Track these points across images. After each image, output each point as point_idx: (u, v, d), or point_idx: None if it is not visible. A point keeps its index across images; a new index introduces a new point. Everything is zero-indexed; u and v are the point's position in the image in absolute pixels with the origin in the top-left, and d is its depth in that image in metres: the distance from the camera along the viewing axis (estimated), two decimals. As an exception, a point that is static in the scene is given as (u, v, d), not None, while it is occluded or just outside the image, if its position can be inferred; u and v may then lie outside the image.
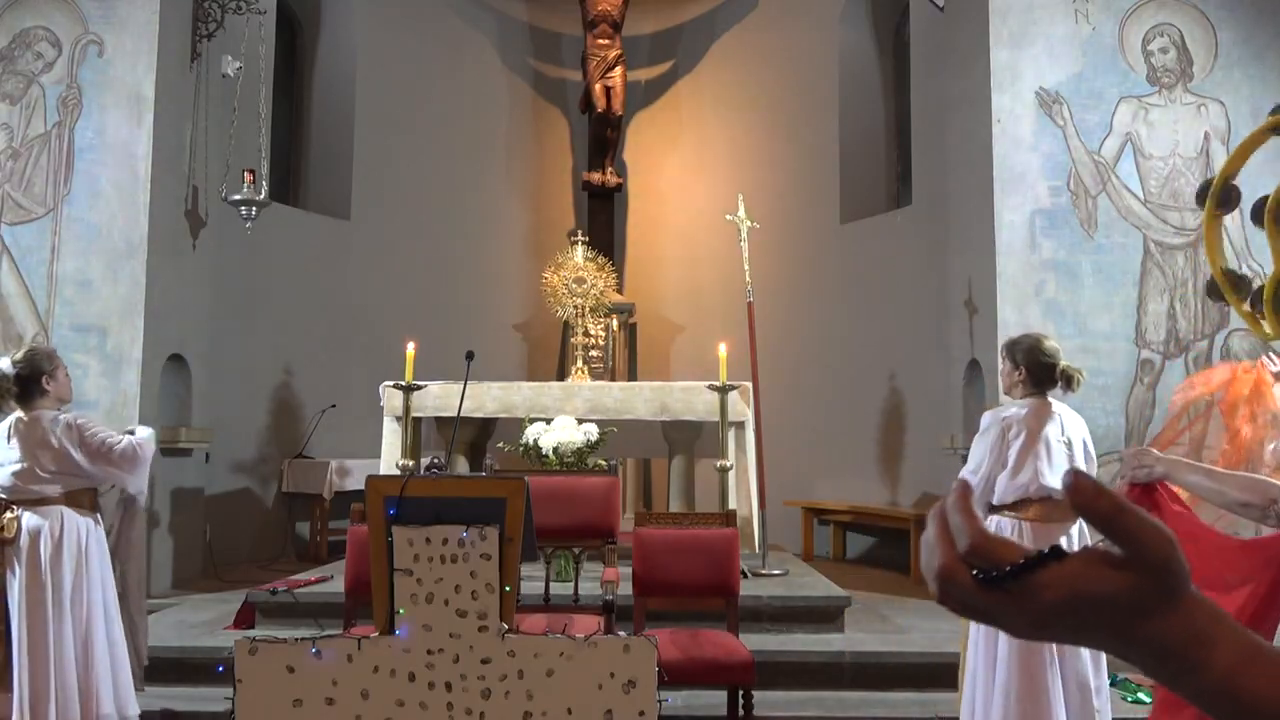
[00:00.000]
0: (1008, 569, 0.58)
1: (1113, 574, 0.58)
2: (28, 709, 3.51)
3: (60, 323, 5.85)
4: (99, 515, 3.83)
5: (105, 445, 3.72)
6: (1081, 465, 3.52)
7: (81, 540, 3.72)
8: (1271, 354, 4.43)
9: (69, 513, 3.70)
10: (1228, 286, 0.89)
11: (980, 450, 3.52)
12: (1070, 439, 3.48)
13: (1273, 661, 0.58)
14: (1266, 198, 0.90)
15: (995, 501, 3.53)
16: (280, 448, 8.08)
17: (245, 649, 2.82)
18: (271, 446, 8.05)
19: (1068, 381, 3.51)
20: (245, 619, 5.13)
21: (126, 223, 5.93)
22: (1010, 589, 0.58)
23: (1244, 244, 5.59)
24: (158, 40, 6.05)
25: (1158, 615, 0.58)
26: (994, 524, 3.51)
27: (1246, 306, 0.85)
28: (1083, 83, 5.86)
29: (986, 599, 0.59)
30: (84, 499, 3.77)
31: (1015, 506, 3.45)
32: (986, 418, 3.58)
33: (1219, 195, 0.87)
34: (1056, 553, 0.58)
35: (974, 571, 0.59)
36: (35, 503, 3.66)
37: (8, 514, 3.61)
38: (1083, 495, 0.59)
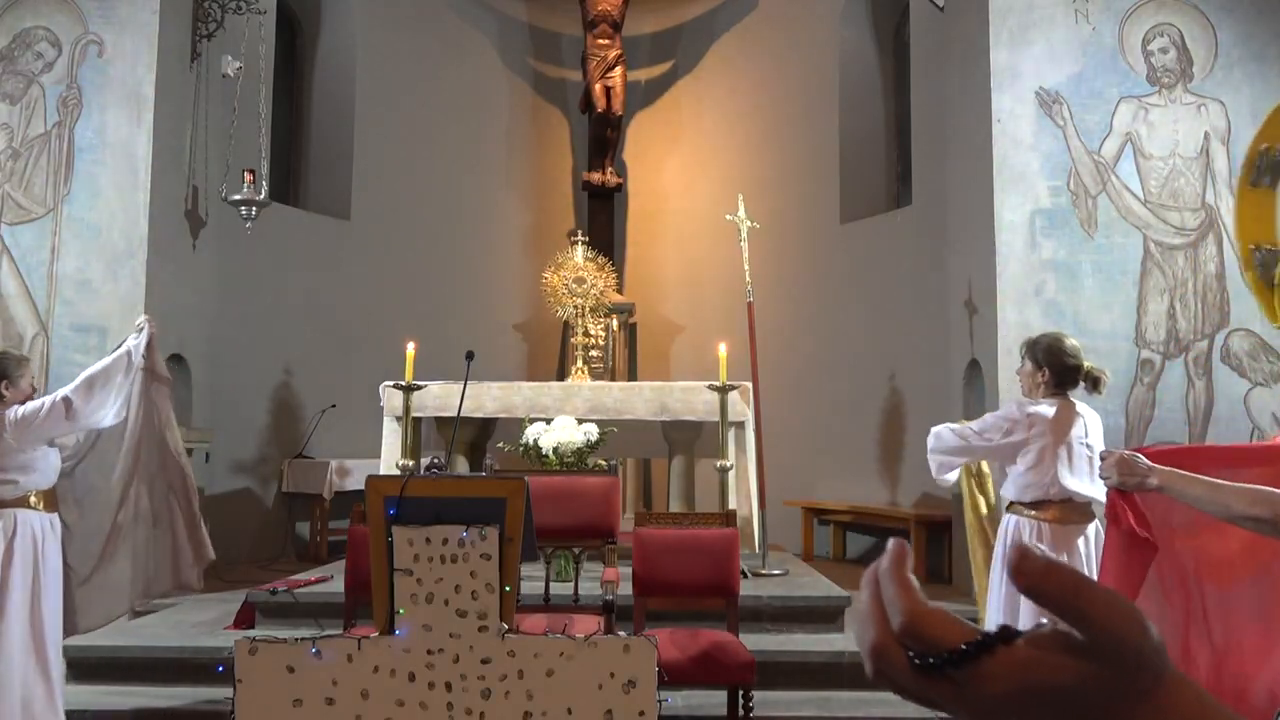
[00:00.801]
0: (946, 656, 0.49)
1: (1071, 663, 0.49)
2: None
3: (60, 323, 5.85)
4: (57, 514, 3.82)
5: (48, 411, 3.69)
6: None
7: (38, 540, 3.68)
8: None
9: (22, 513, 3.67)
10: (1251, 265, 0.85)
11: (995, 429, 3.44)
12: (1091, 444, 3.47)
13: None
14: None
15: (1013, 498, 3.50)
16: (280, 448, 8.08)
17: (245, 649, 2.82)
18: (271, 446, 8.04)
19: (1094, 383, 3.47)
20: (245, 619, 5.13)
21: (126, 223, 5.93)
22: (951, 677, 0.50)
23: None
24: (158, 40, 6.04)
25: (1126, 708, 0.49)
26: (1012, 523, 3.49)
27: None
28: (1083, 83, 5.85)
29: (924, 685, 0.51)
30: (41, 499, 3.75)
31: (1035, 506, 3.43)
32: (1013, 407, 3.49)
33: (1256, 166, 0.84)
34: (1005, 635, 0.50)
35: (910, 654, 0.51)
36: None
37: None
38: (1030, 577, 0.49)
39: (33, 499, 3.71)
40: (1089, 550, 3.45)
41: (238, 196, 6.51)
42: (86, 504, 4.02)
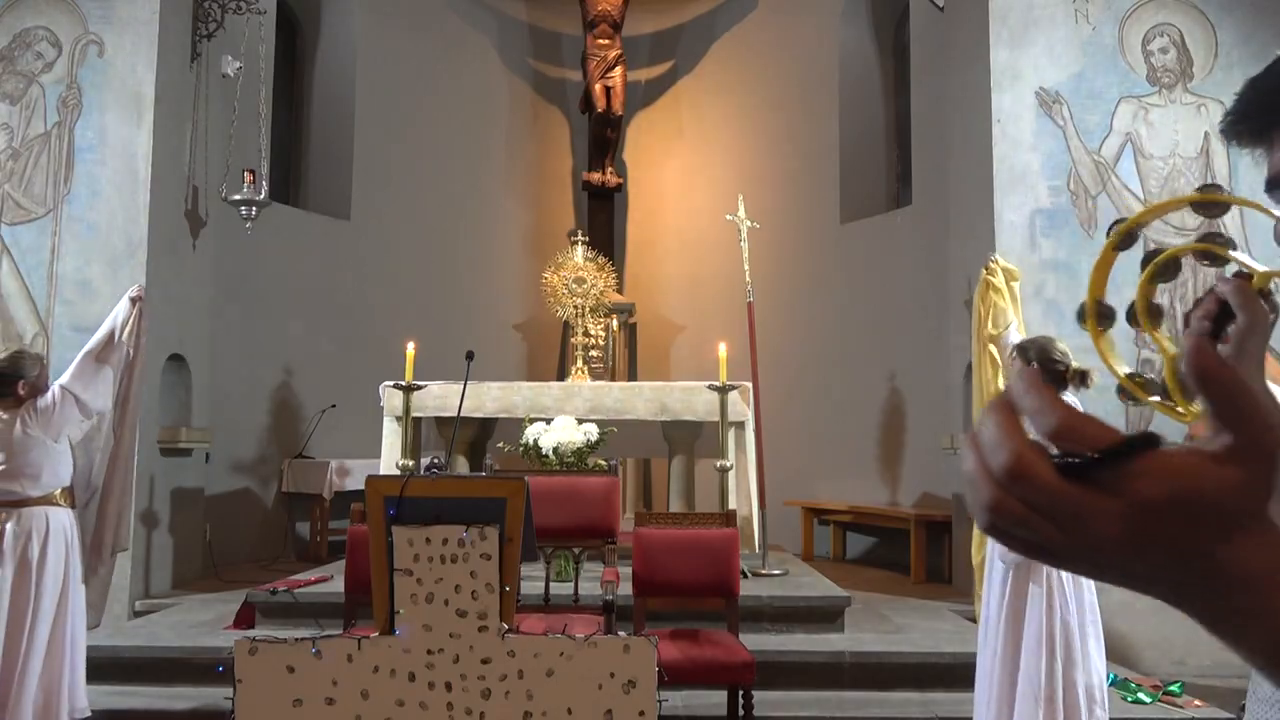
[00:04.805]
0: (1107, 449, 0.47)
1: (1218, 470, 0.47)
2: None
3: (60, 323, 5.85)
4: (74, 510, 3.89)
5: (62, 402, 3.79)
6: None
7: (67, 538, 3.75)
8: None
9: (53, 511, 3.72)
10: (1093, 314, 0.91)
11: None
12: None
13: None
14: (1132, 304, 0.99)
15: None
16: (280, 448, 8.08)
17: (245, 649, 2.82)
18: (271, 446, 8.04)
19: (1081, 379, 3.47)
20: (245, 619, 5.13)
21: (126, 223, 5.93)
22: (1100, 479, 0.47)
23: (1244, 244, 5.60)
24: (158, 40, 6.04)
25: (1248, 530, 0.48)
26: None
27: (1155, 398, 0.87)
28: (1083, 83, 5.85)
29: (1068, 495, 0.48)
30: (64, 495, 3.80)
31: None
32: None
33: (1096, 314, 0.92)
34: (1154, 439, 0.48)
35: (1056, 459, 0.49)
36: (15, 504, 3.66)
37: None
38: (1207, 361, 0.49)
39: (57, 495, 3.75)
40: None
41: (238, 196, 6.51)
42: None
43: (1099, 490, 0.47)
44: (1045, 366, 3.48)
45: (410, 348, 5.58)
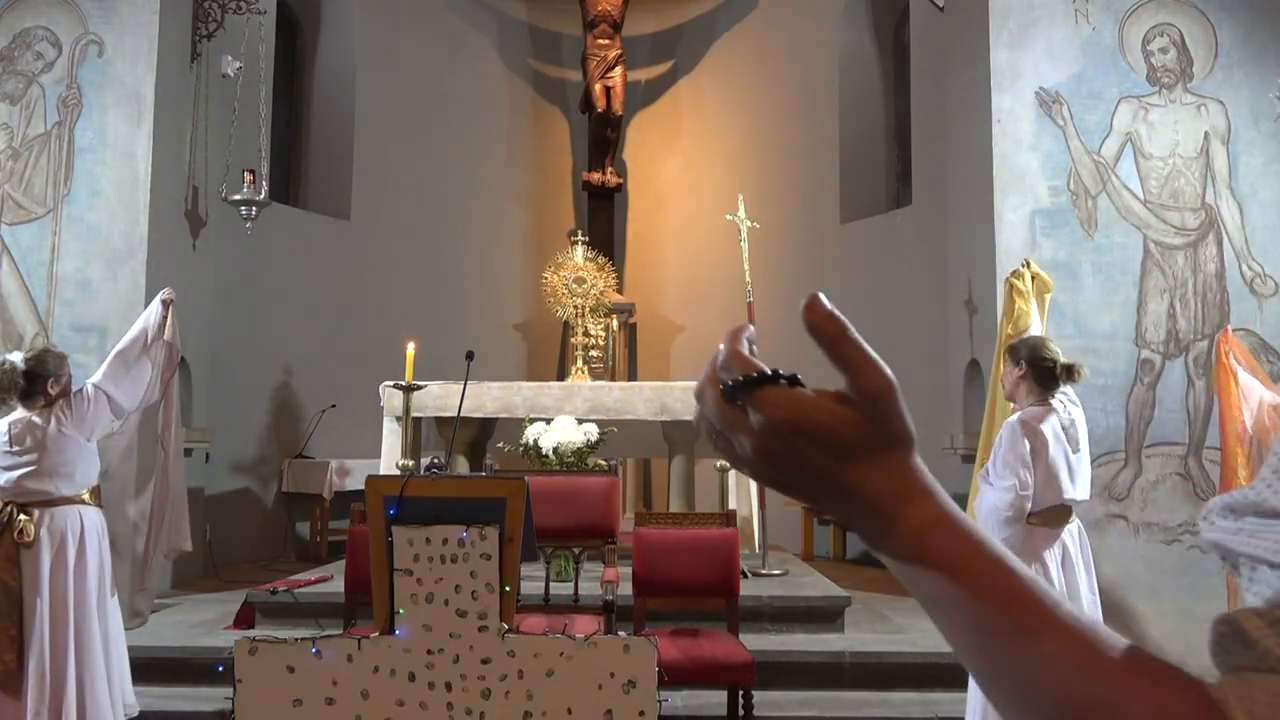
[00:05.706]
0: (743, 379, 0.58)
1: (835, 406, 0.58)
2: (46, 716, 3.51)
3: (60, 323, 5.84)
4: (102, 507, 3.91)
5: (95, 401, 3.79)
6: (1086, 455, 3.53)
7: (100, 536, 3.77)
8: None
9: (85, 510, 3.74)
10: None
11: (1021, 465, 3.35)
12: (1082, 444, 3.50)
13: (962, 525, 0.58)
14: None
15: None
16: (280, 448, 8.08)
17: (245, 649, 2.82)
18: (271, 446, 8.04)
19: (1068, 373, 3.49)
20: (245, 619, 5.14)
21: (126, 223, 5.92)
22: (741, 400, 0.58)
23: (1244, 244, 5.61)
24: (158, 40, 6.04)
25: (866, 459, 0.57)
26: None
27: None
28: (1083, 83, 5.85)
29: (724, 412, 0.59)
30: (93, 495, 3.82)
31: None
32: (1016, 434, 3.40)
33: None
34: (793, 379, 0.59)
35: (721, 386, 0.60)
36: (47, 504, 3.66)
37: (22, 516, 3.61)
38: (815, 316, 0.59)
39: (86, 495, 3.76)
40: (1077, 547, 3.46)
41: (238, 196, 6.51)
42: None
43: (740, 411, 0.58)
44: (1036, 363, 3.49)
45: (410, 348, 5.58)
